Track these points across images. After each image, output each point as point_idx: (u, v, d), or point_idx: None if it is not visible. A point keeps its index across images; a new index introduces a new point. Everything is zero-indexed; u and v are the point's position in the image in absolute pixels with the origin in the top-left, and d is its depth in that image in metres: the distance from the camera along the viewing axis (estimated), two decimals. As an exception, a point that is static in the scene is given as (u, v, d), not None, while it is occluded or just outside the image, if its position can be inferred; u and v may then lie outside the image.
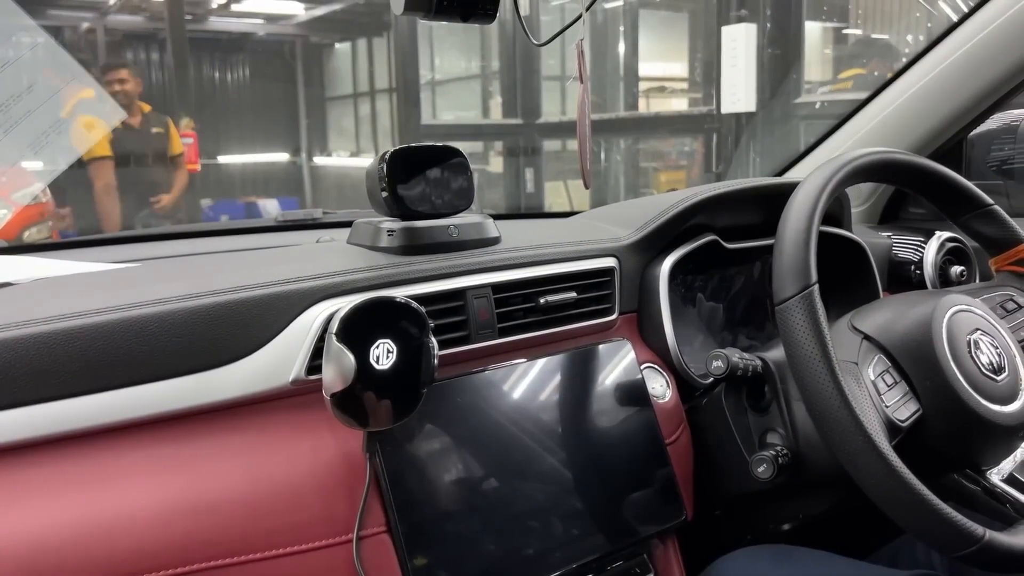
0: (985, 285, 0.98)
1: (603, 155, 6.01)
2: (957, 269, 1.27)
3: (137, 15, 6.49)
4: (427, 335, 0.71)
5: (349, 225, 0.93)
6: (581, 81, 0.85)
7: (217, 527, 0.65)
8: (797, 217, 0.77)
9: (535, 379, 0.85)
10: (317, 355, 0.72)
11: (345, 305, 0.69)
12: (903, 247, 1.29)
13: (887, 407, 0.75)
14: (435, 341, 0.71)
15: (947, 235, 1.27)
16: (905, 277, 1.28)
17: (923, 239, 1.28)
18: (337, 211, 1.35)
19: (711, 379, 0.92)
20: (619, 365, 0.91)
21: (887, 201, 1.44)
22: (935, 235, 1.27)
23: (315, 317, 0.74)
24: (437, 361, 0.71)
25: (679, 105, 6.41)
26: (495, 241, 0.91)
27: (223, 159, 6.71)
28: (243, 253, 0.98)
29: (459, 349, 0.82)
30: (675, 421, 0.93)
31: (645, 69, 6.13)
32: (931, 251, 1.26)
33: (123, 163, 3.69)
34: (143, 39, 6.79)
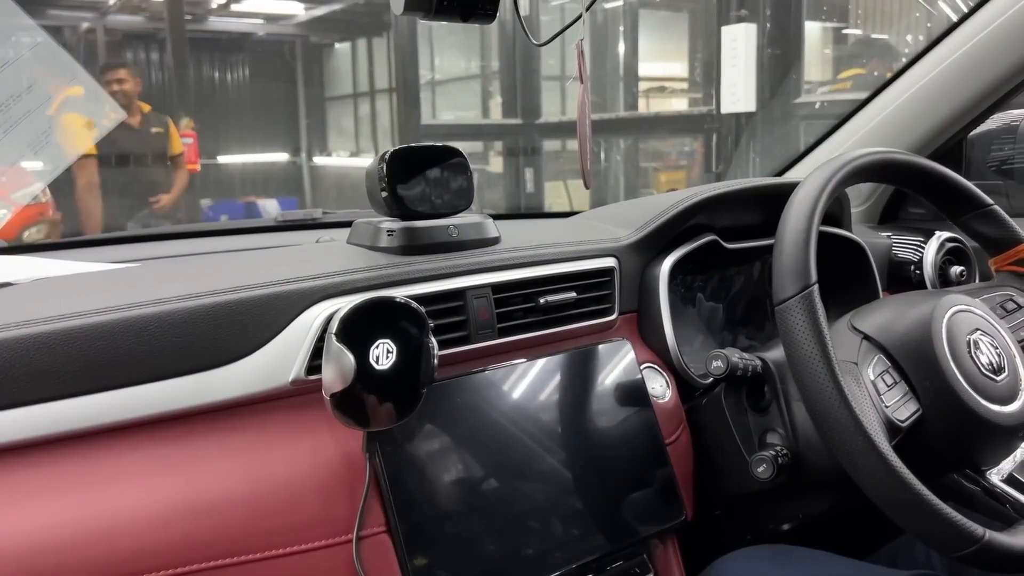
0: (985, 285, 0.98)
1: (603, 155, 6.01)
2: (957, 269, 1.27)
3: (137, 15, 6.49)
4: (427, 335, 0.71)
5: (349, 225, 0.93)
6: (581, 81, 0.85)
7: (217, 527, 0.65)
8: (797, 217, 0.77)
9: (535, 379, 0.85)
10: (317, 355, 0.72)
11: (345, 305, 0.69)
12: (903, 247, 1.29)
13: (887, 407, 0.75)
14: (435, 341, 0.71)
15: (947, 235, 1.27)
16: (905, 277, 1.27)
17: (923, 239, 1.28)
18: (337, 211, 1.35)
19: (711, 379, 0.92)
20: (619, 365, 0.91)
21: (887, 201, 1.44)
22: (935, 235, 1.27)
23: (315, 317, 0.74)
24: (437, 361, 0.71)
25: (679, 105, 6.41)
26: (495, 241, 0.91)
27: (223, 159, 6.71)
28: (243, 253, 0.98)
29: (459, 349, 0.82)
30: (675, 421, 0.93)
31: (645, 69, 6.13)
32: (931, 251, 1.26)
33: (122, 163, 3.69)
34: (143, 39, 6.78)
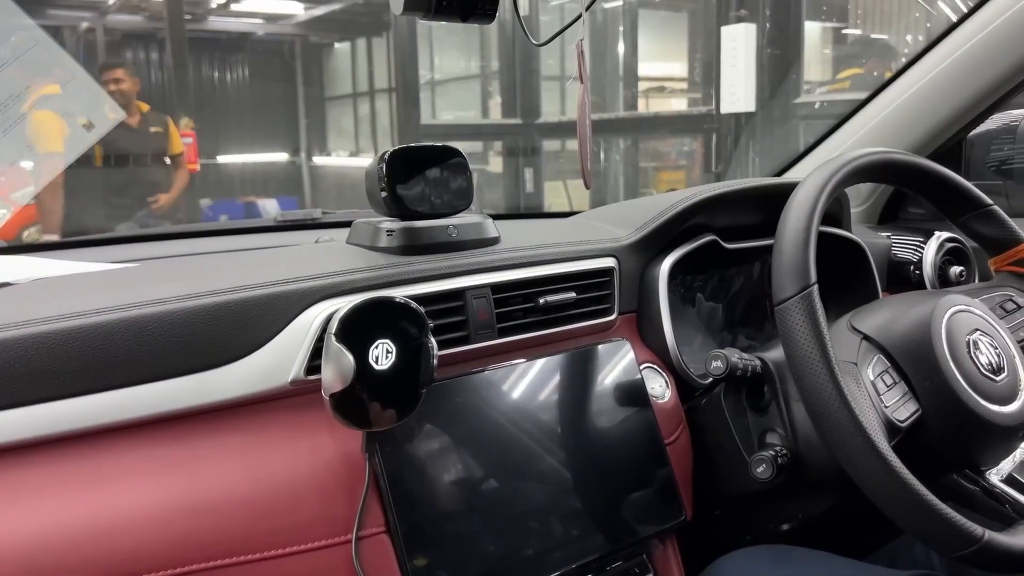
0: (984, 285, 0.98)
1: (603, 155, 6.01)
2: (956, 269, 1.27)
3: (136, 15, 6.49)
4: (426, 335, 0.71)
5: (348, 225, 0.93)
6: (581, 81, 0.85)
7: (217, 527, 0.65)
8: (796, 217, 0.77)
9: (534, 379, 0.85)
10: (316, 355, 0.72)
11: (344, 305, 0.69)
12: (902, 247, 1.29)
13: (886, 407, 0.75)
14: (434, 341, 0.71)
15: (946, 235, 1.27)
16: (904, 277, 1.28)
17: (922, 239, 1.28)
18: (336, 211, 1.34)
19: (710, 379, 0.92)
20: (618, 365, 0.91)
21: (886, 201, 1.44)
22: (934, 235, 1.27)
23: (314, 317, 0.74)
24: (436, 361, 0.71)
25: (679, 105, 6.42)
26: (494, 241, 0.91)
27: (222, 159, 6.71)
28: (242, 253, 0.98)
29: (458, 349, 0.82)
30: (674, 421, 0.93)
31: (645, 69, 6.13)
32: (930, 251, 1.26)
33: (120, 163, 3.69)
34: (142, 39, 6.78)
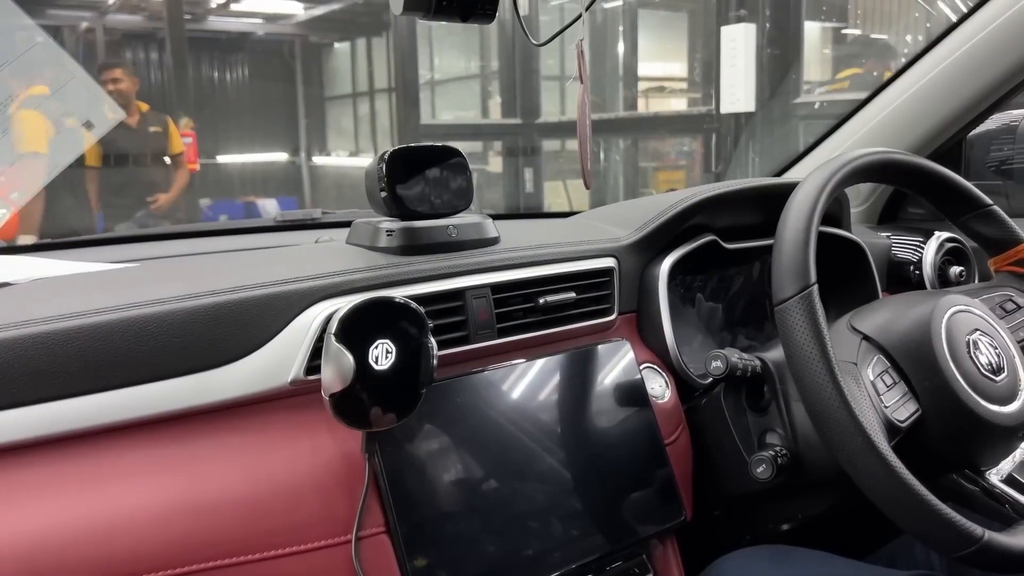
0: (984, 285, 0.98)
1: (602, 155, 6.01)
2: (956, 269, 1.27)
3: (136, 14, 6.49)
4: (426, 335, 0.71)
5: (348, 225, 0.93)
6: (581, 81, 0.85)
7: (216, 527, 0.65)
8: (796, 217, 0.77)
9: (534, 379, 0.85)
10: (316, 355, 0.72)
11: (344, 305, 0.69)
12: (902, 247, 1.29)
13: (886, 407, 0.75)
14: (434, 341, 0.71)
15: (946, 235, 1.27)
16: (904, 277, 1.28)
17: (922, 239, 1.28)
18: (336, 211, 1.34)
19: (710, 379, 0.92)
20: (618, 365, 0.91)
21: (886, 201, 1.44)
22: (934, 235, 1.27)
23: (314, 317, 0.74)
24: (436, 361, 0.71)
25: (678, 105, 6.42)
26: (494, 241, 0.91)
27: (222, 159, 6.71)
28: (242, 253, 0.98)
29: (458, 349, 0.82)
30: (674, 421, 0.93)
31: (644, 69, 6.13)
32: (930, 251, 1.26)
33: (120, 162, 3.69)
34: (142, 38, 6.78)
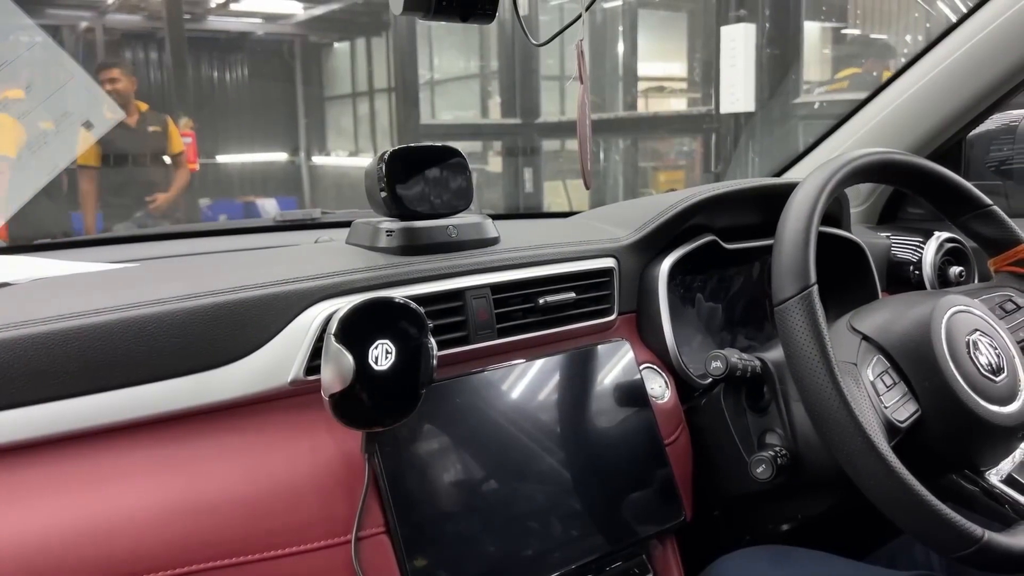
0: (984, 286, 0.98)
1: (602, 155, 6.01)
2: (956, 270, 1.27)
3: (135, 14, 6.48)
4: (426, 335, 0.70)
5: (348, 225, 0.93)
6: (581, 81, 0.85)
7: (216, 527, 0.65)
8: (796, 217, 0.77)
9: (534, 379, 0.85)
10: (316, 355, 0.72)
11: (344, 305, 0.69)
12: (902, 247, 1.29)
13: (886, 408, 0.75)
14: (434, 341, 0.71)
15: (946, 235, 1.27)
16: (904, 277, 1.28)
17: (922, 239, 1.28)
18: (336, 211, 1.34)
19: (710, 380, 0.92)
20: (618, 365, 0.91)
21: (886, 201, 1.44)
22: (934, 235, 1.27)
23: (314, 317, 0.73)
24: (436, 361, 0.71)
25: (678, 105, 6.42)
26: (494, 241, 0.91)
27: (222, 158, 6.70)
28: (241, 253, 0.98)
29: (458, 349, 0.82)
30: (674, 422, 0.93)
31: (644, 69, 6.13)
32: (930, 251, 1.26)
33: (119, 162, 3.69)
34: (141, 38, 6.78)
